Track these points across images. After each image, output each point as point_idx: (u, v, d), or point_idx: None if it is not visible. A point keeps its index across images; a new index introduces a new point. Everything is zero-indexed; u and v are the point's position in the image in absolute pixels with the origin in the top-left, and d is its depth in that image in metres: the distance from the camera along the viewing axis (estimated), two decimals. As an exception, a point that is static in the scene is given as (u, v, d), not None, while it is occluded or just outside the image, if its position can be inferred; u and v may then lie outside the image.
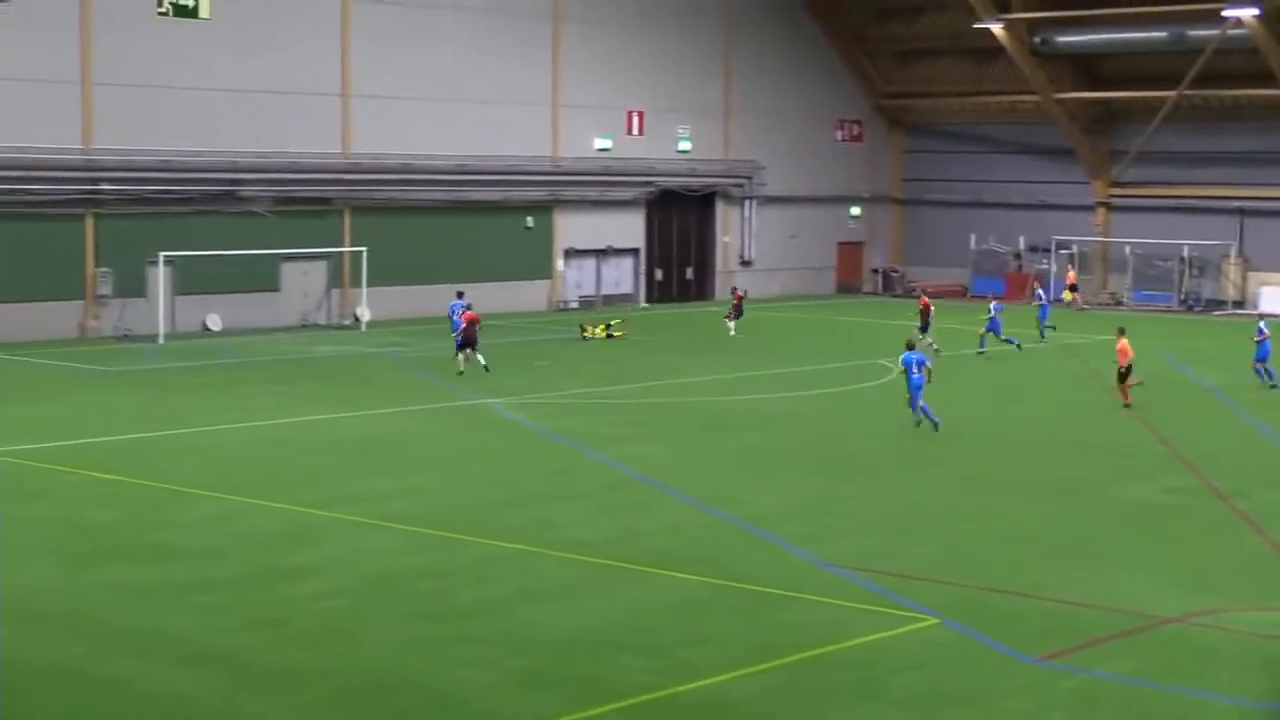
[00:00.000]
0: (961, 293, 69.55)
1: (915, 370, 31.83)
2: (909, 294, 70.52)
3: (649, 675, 16.36)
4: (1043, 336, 49.81)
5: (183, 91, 50.15)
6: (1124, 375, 36.22)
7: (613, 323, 51.00)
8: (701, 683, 16.16)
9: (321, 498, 24.94)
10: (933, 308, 48.56)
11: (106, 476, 26.56)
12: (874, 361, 43.93)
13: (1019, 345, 46.07)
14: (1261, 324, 40.86)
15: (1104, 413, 35.81)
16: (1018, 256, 69.73)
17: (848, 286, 72.36)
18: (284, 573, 20.36)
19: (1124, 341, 36.45)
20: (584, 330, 49.86)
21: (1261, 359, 40.09)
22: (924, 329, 46.14)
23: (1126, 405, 35.79)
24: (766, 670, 16.56)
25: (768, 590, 19.68)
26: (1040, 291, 53.65)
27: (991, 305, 47.57)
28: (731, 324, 51.00)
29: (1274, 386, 39.42)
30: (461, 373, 39.51)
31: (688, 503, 25.00)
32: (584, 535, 22.61)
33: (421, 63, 56.17)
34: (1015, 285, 68.12)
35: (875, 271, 73.20)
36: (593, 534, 22.72)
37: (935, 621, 18.35)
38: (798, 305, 65.04)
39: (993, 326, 46.04)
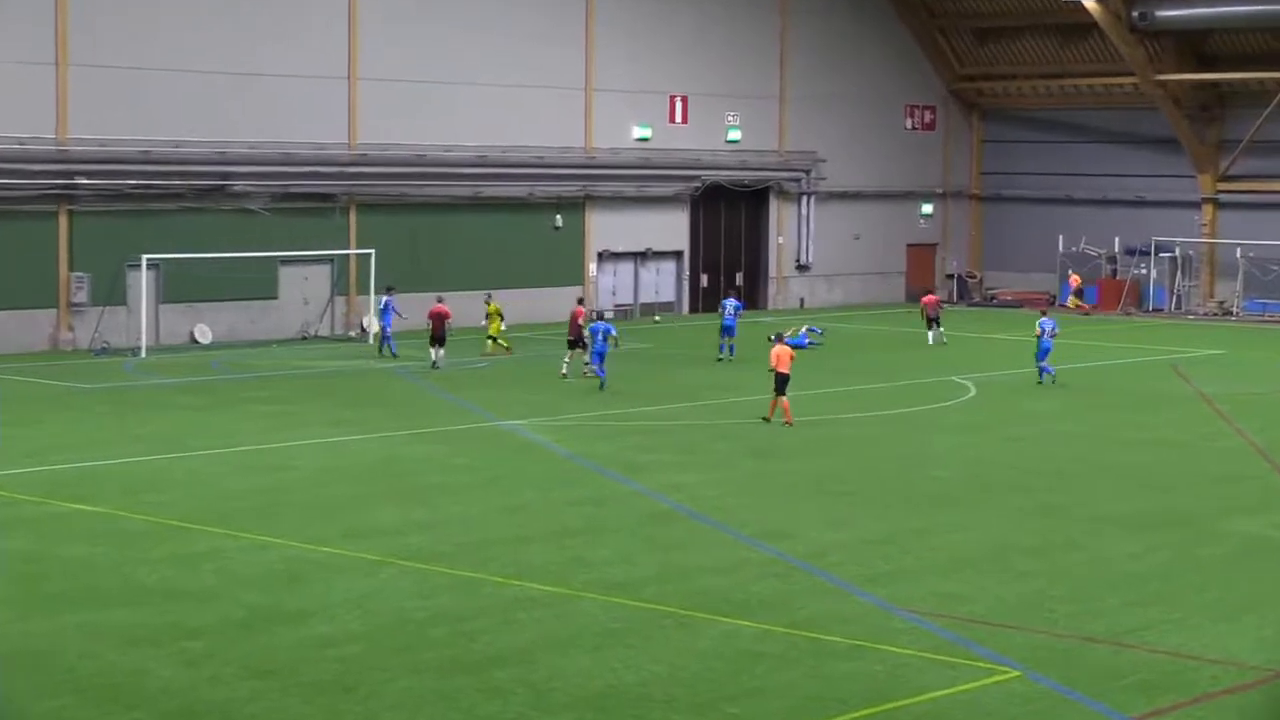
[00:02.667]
0: (1049, 301, 69.35)
1: (600, 338, 41.28)
2: (988, 302, 70.53)
3: (694, 733, 16.45)
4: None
5: (169, 74, 50.49)
6: (781, 386, 36.09)
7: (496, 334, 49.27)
8: (753, 742, 16.25)
9: (325, 532, 25.08)
10: (582, 316, 47.90)
11: (84, 508, 26.76)
12: (948, 379, 43.92)
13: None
14: (1042, 320, 43.53)
15: (1207, 436, 35.73)
16: (1112, 260, 69.47)
17: (919, 293, 72.21)
18: (283, 617, 20.49)
19: (781, 347, 36.59)
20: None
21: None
22: (575, 345, 45.93)
23: (766, 419, 36.07)
24: (826, 728, 16.64)
25: (827, 638, 19.73)
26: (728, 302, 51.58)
27: (728, 302, 49.66)
28: (933, 334, 52.72)
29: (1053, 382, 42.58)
30: (435, 365, 45.03)
31: (737, 538, 25.07)
32: (621, 575, 22.71)
33: (437, 42, 56.45)
34: (1109, 292, 67.92)
35: (950, 277, 73.10)
36: (631, 574, 22.81)
37: (1017, 674, 18.37)
38: (862, 314, 65.09)
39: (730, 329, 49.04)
